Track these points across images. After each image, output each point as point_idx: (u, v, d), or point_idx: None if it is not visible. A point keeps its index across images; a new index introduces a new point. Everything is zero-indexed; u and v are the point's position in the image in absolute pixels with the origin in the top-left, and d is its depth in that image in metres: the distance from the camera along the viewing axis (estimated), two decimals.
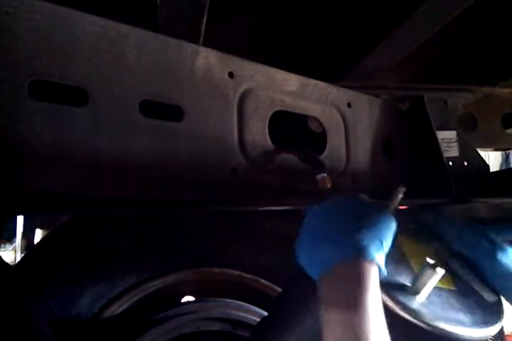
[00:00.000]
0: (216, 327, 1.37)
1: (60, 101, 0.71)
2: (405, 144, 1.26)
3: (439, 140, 1.24)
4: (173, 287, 1.39)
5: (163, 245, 1.36)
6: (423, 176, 1.24)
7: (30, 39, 0.68)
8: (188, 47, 0.87)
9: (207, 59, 0.89)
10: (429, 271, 0.75)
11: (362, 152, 1.15)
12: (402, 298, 0.75)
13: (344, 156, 1.12)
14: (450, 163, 1.27)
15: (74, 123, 0.72)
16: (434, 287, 0.78)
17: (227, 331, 1.37)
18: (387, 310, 0.71)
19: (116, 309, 1.28)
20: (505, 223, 1.14)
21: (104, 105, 0.76)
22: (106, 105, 0.76)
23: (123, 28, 0.78)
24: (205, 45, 0.91)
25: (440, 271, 0.75)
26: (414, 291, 0.76)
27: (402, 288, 0.77)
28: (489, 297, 0.87)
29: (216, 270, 1.42)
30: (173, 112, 0.85)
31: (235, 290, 1.47)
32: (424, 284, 0.76)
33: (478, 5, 0.98)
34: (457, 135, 1.31)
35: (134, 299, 1.31)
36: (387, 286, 0.75)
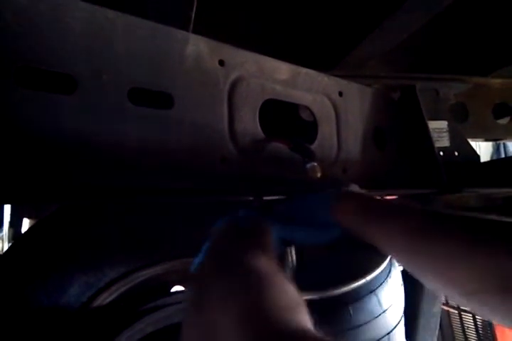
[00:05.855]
0: None
1: (48, 88, 0.70)
2: (396, 133, 1.26)
3: (430, 130, 1.24)
4: (162, 276, 1.38)
5: (152, 234, 1.35)
6: (414, 166, 1.24)
7: (17, 25, 0.67)
8: (178, 34, 0.86)
9: (197, 46, 0.88)
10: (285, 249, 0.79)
11: (353, 141, 1.15)
12: None
13: (335, 145, 1.11)
14: (441, 153, 1.27)
15: (62, 111, 0.71)
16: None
17: None
18: None
19: (106, 298, 1.28)
20: None
21: (92, 93, 0.74)
22: (94, 93, 0.75)
23: (111, 14, 0.77)
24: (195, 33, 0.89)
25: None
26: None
27: None
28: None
29: None
30: (163, 100, 0.84)
31: None
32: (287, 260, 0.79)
33: None
34: (448, 125, 1.31)
35: (124, 288, 1.31)
36: None
